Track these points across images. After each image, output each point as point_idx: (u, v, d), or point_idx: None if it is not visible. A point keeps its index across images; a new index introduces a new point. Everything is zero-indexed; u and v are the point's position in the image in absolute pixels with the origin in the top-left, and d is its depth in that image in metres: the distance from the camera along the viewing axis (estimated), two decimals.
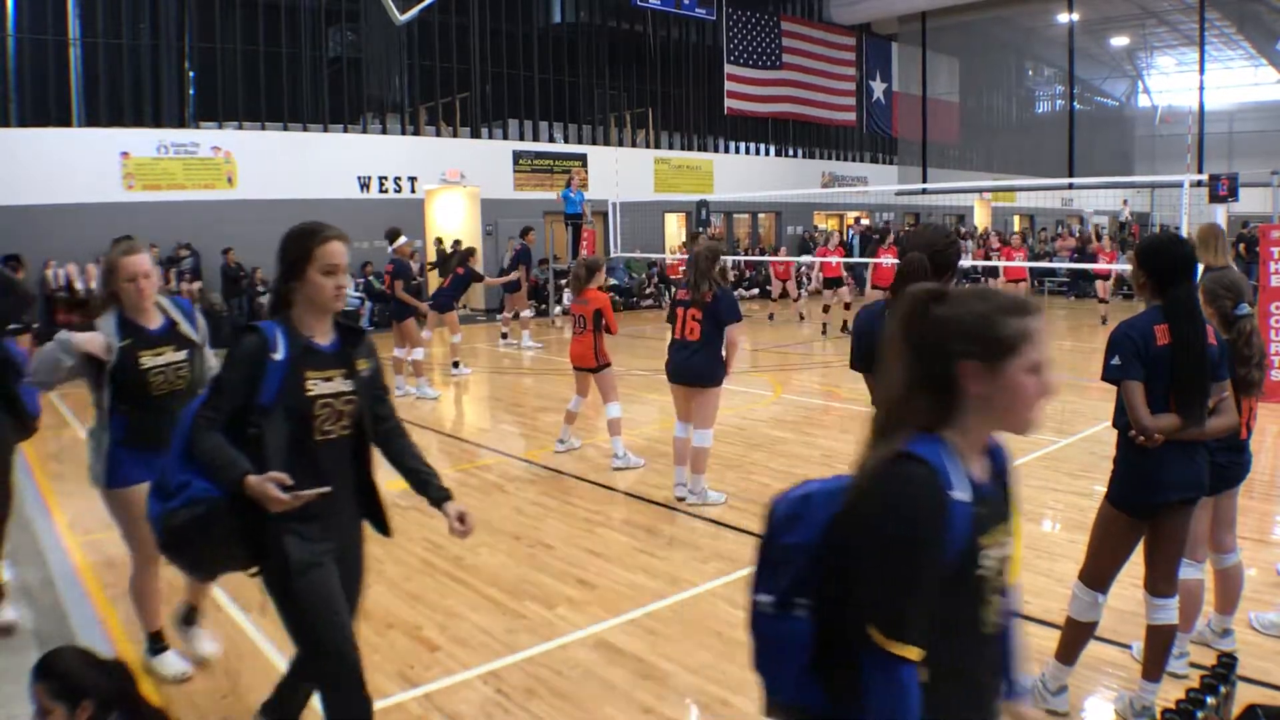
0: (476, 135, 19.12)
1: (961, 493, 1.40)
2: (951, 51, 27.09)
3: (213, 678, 3.50)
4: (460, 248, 12.00)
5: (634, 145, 21.91)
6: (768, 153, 24.72)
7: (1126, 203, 28.44)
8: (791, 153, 25.24)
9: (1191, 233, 12.32)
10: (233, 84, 16.11)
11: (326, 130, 17.07)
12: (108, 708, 2.12)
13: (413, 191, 17.75)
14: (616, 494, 6.02)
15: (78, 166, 14.16)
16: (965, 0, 23.12)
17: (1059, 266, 19.42)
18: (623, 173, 19.06)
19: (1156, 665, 3.03)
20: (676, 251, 19.54)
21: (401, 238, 10.05)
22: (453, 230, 18.34)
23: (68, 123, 14.61)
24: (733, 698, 3.31)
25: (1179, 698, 2.73)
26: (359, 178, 17.08)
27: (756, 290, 21.16)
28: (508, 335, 13.93)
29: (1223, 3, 25.83)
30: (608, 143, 21.24)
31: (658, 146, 22.31)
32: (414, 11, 15.06)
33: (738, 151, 24.09)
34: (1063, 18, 24.86)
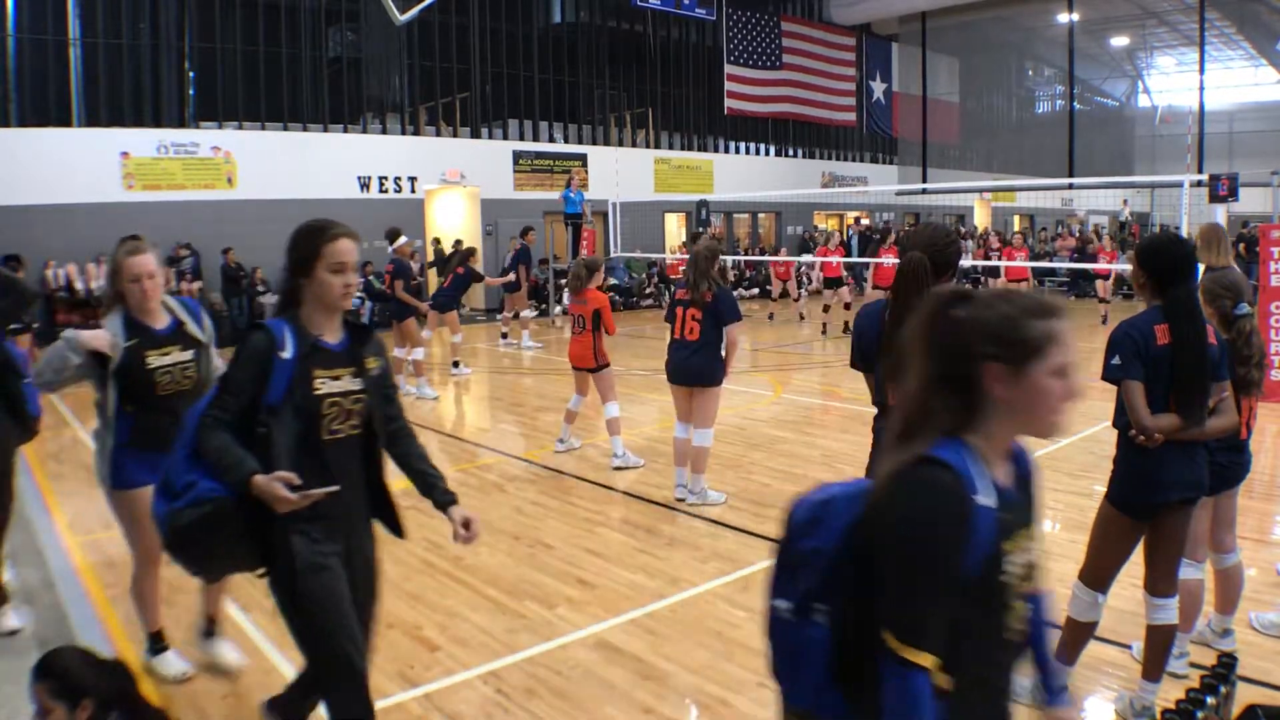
0: (476, 135, 19.12)
1: (986, 498, 1.37)
2: (951, 51, 27.09)
3: (213, 678, 3.49)
4: (461, 247, 11.99)
5: (634, 145, 21.90)
6: (768, 153, 24.72)
7: (1126, 203, 28.43)
8: (791, 153, 25.24)
9: (1192, 233, 12.33)
10: (233, 84, 16.11)
11: (326, 130, 17.06)
12: (108, 707, 2.12)
13: (413, 191, 17.75)
14: (616, 494, 6.02)
15: (78, 166, 14.15)
16: (965, 0, 23.12)
17: (1059, 266, 19.42)
18: (623, 173, 19.05)
19: (1156, 665, 3.03)
20: (676, 251, 19.54)
21: (402, 238, 10.06)
22: (453, 230, 18.33)
23: (68, 123, 14.60)
24: (733, 698, 3.31)
25: (1179, 698, 2.73)
26: (359, 178, 17.08)
27: (756, 290, 21.16)
28: (508, 335, 13.93)
29: (1223, 3, 25.82)
30: (608, 143, 21.23)
31: (658, 146, 22.30)
32: (414, 11, 15.05)
33: (738, 151, 24.08)
34: (1063, 18, 24.86)
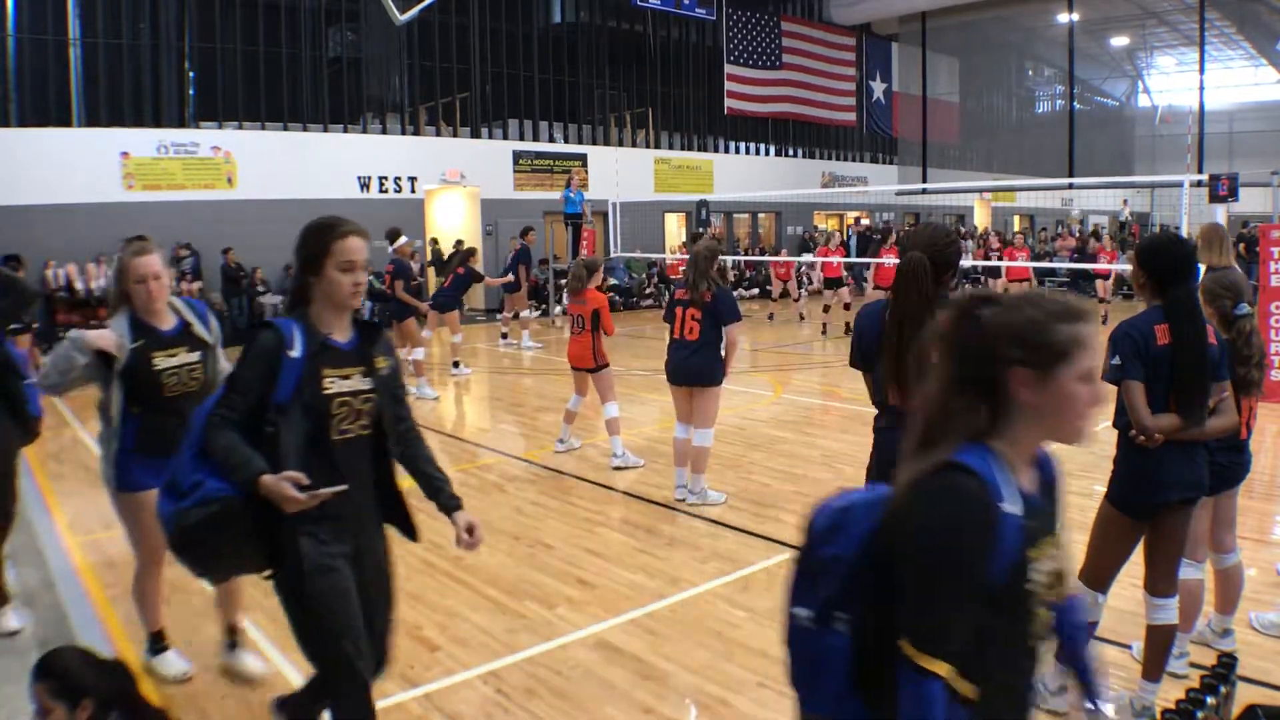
0: (476, 135, 19.12)
1: (1012, 505, 1.35)
2: (951, 51, 27.09)
3: (213, 678, 3.50)
4: (462, 247, 11.99)
5: (634, 145, 21.90)
6: (768, 153, 24.72)
7: (1126, 203, 28.43)
8: (791, 153, 25.24)
9: (1193, 233, 12.34)
10: (233, 84, 16.11)
11: (326, 130, 17.06)
12: (108, 707, 2.12)
13: (413, 191, 17.75)
14: (616, 494, 6.02)
15: (78, 166, 14.15)
16: (965, 0, 23.12)
17: (1059, 266, 19.43)
18: (623, 173, 19.05)
19: (1156, 665, 3.03)
20: (677, 251, 19.54)
21: (402, 238, 10.06)
22: (453, 230, 18.33)
23: (68, 123, 14.60)
24: (733, 698, 3.31)
25: (1179, 698, 2.73)
26: (359, 178, 17.08)
27: (756, 290, 21.16)
28: (508, 335, 13.94)
29: (1223, 3, 25.82)
30: (608, 143, 21.23)
31: (658, 146, 22.30)
32: (414, 11, 15.05)
33: (738, 151, 24.08)
34: (1063, 18, 24.86)
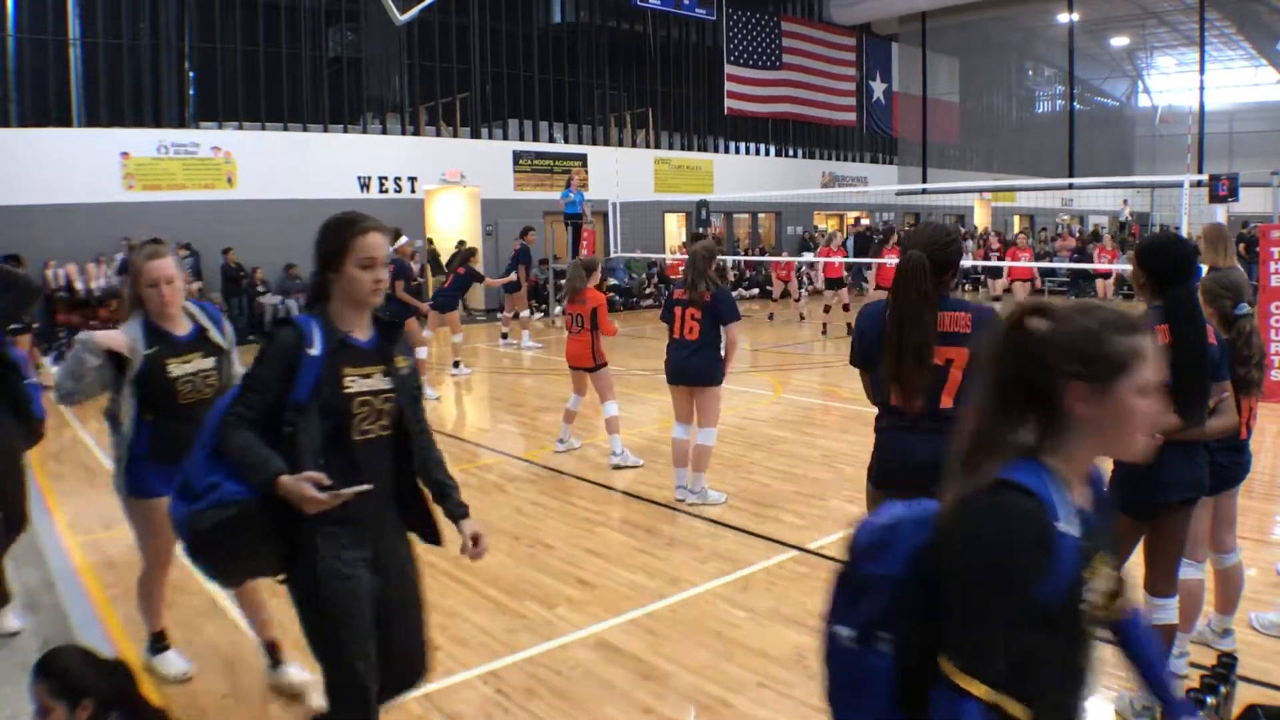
0: (476, 135, 19.12)
1: (1068, 525, 1.31)
2: (951, 51, 27.09)
3: (213, 678, 3.50)
4: (463, 247, 11.99)
5: (634, 145, 21.90)
6: (768, 153, 24.72)
7: (1127, 203, 28.43)
8: (791, 153, 25.24)
9: (1193, 233, 12.33)
10: (233, 84, 16.11)
11: (326, 130, 17.06)
12: (108, 707, 2.12)
13: (413, 191, 17.75)
14: (616, 494, 6.02)
15: (78, 166, 14.14)
16: (965, 0, 23.12)
17: (1059, 266, 19.44)
18: (623, 173, 19.05)
19: None
20: (676, 251, 19.54)
21: (402, 238, 10.06)
22: (453, 230, 18.34)
23: (68, 123, 14.59)
24: (733, 698, 3.31)
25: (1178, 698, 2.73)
26: (359, 178, 17.07)
27: (756, 290, 21.16)
28: (508, 335, 13.94)
29: (1223, 3, 25.82)
30: (608, 143, 21.23)
31: (658, 146, 22.30)
32: (414, 11, 15.06)
33: (738, 151, 24.08)
34: (1063, 18, 24.86)
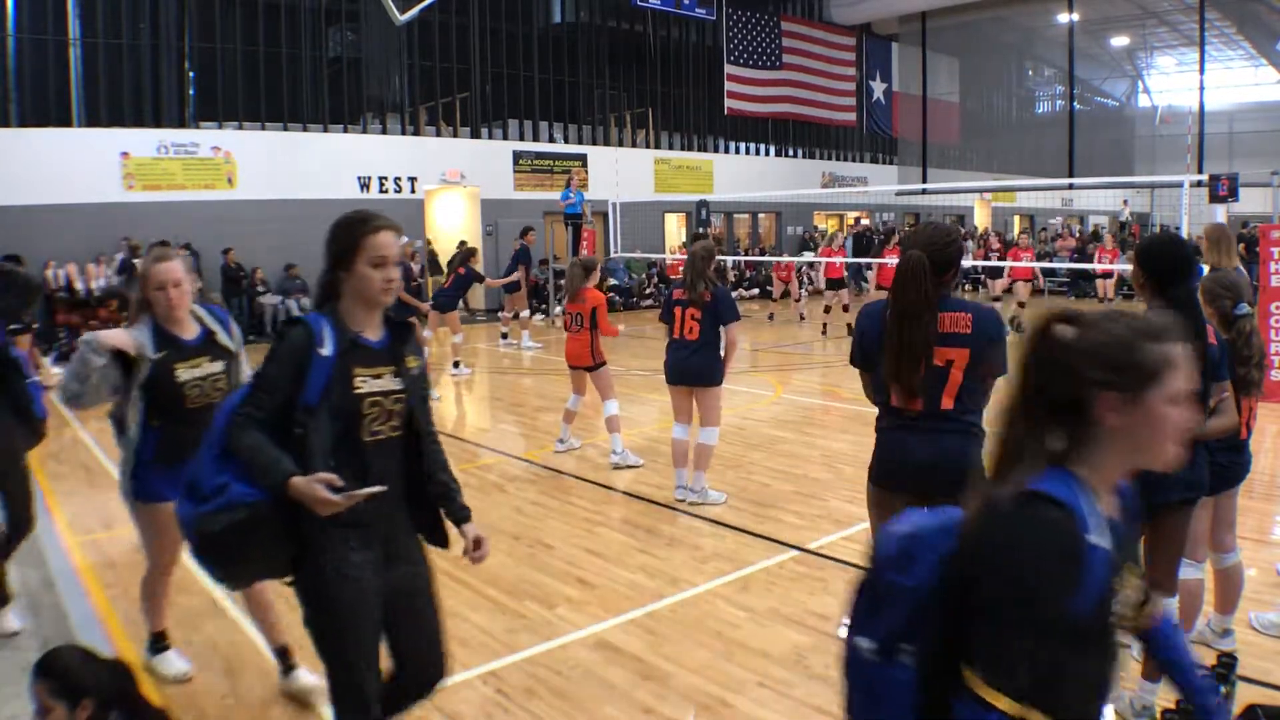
0: (476, 135, 19.12)
1: (1099, 537, 1.28)
2: (951, 51, 27.09)
3: (213, 678, 3.50)
4: (464, 247, 11.99)
5: (634, 145, 21.90)
6: (768, 153, 24.72)
7: (1127, 203, 28.43)
8: (791, 153, 25.24)
9: (1193, 233, 12.33)
10: (233, 84, 16.11)
11: (326, 130, 17.06)
12: (108, 707, 2.12)
13: (413, 192, 17.75)
14: (616, 494, 6.02)
15: (78, 166, 14.15)
16: (965, 0, 23.12)
17: (1059, 266, 19.45)
18: (623, 173, 19.06)
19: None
20: (676, 252, 19.54)
21: (402, 238, 10.05)
22: (453, 230, 18.34)
23: (68, 123, 14.60)
24: (733, 698, 3.31)
25: (1179, 698, 2.73)
26: (359, 178, 17.08)
27: (756, 290, 21.16)
28: (508, 335, 13.94)
29: (1223, 3, 25.82)
30: (608, 143, 21.23)
31: (658, 146, 22.30)
32: (414, 12, 15.06)
33: (738, 151, 24.08)
34: (1063, 18, 24.86)
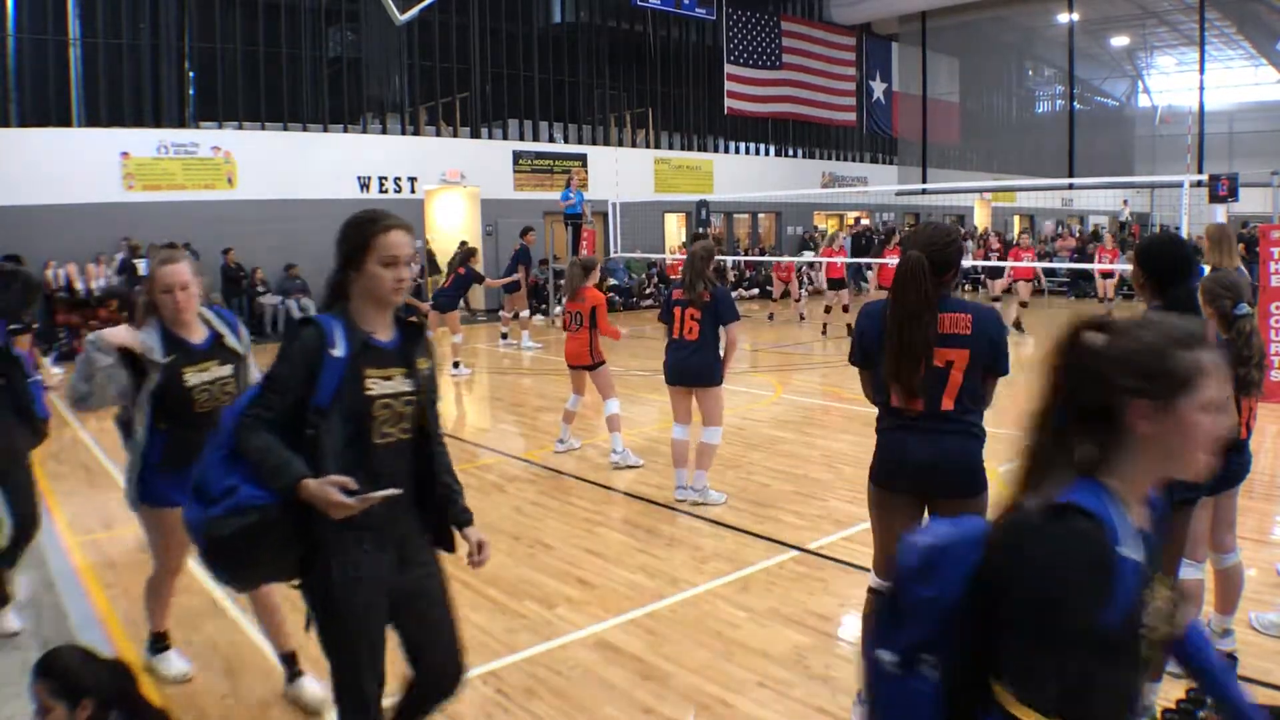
0: (476, 135, 19.11)
1: (1130, 549, 1.26)
2: (951, 51, 27.08)
3: (213, 678, 3.50)
4: (464, 247, 12.00)
5: (634, 145, 21.89)
6: (768, 153, 24.72)
7: (1127, 203, 28.44)
8: (791, 153, 25.23)
9: (1193, 233, 12.31)
10: (233, 84, 16.11)
11: (326, 130, 17.06)
12: (108, 707, 2.11)
13: (413, 192, 17.75)
14: (616, 494, 6.02)
15: (78, 166, 14.14)
16: (965, 0, 23.12)
17: (1059, 266, 19.46)
18: (623, 173, 19.06)
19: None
20: (676, 252, 19.54)
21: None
22: (453, 230, 18.34)
23: (68, 123, 14.59)
24: (733, 698, 3.31)
25: (1179, 698, 2.73)
26: (359, 178, 17.08)
27: (756, 290, 21.17)
28: (508, 335, 13.94)
29: (1223, 3, 25.81)
30: (608, 143, 21.23)
31: (658, 146, 22.30)
32: (414, 12, 15.06)
33: (738, 151, 24.08)
34: (1063, 18, 24.86)
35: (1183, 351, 1.28)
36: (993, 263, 16.48)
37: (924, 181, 24.76)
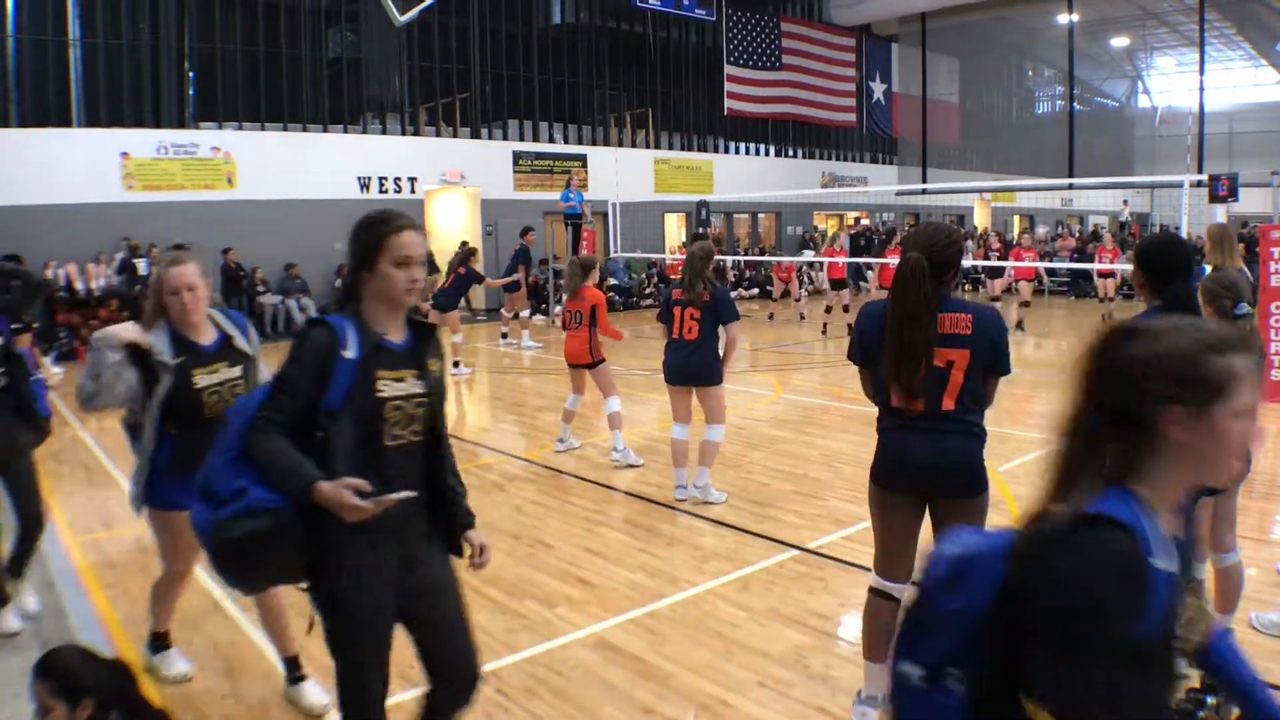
0: (476, 135, 19.12)
1: (1163, 560, 1.23)
2: (951, 52, 27.10)
3: (213, 678, 3.50)
4: (465, 247, 12.00)
5: (634, 145, 21.90)
6: (768, 153, 24.73)
7: (1127, 203, 28.46)
8: (791, 153, 25.24)
9: (1193, 233, 12.28)
10: (233, 84, 16.12)
11: (326, 130, 17.07)
12: (108, 706, 2.11)
13: (413, 192, 17.75)
14: (616, 493, 6.02)
15: (78, 166, 14.15)
16: (965, 0, 23.13)
17: (1059, 266, 19.46)
18: (623, 173, 19.06)
19: None
20: (676, 251, 19.55)
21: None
22: (453, 230, 18.33)
23: (68, 123, 14.60)
24: (733, 698, 3.31)
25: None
26: (359, 178, 17.08)
27: (756, 290, 21.17)
28: (508, 335, 13.95)
29: (1223, 3, 25.83)
30: (608, 143, 21.23)
31: (658, 147, 22.30)
32: (414, 12, 15.07)
33: (738, 152, 24.09)
34: (1063, 18, 24.87)
35: (1217, 357, 1.25)
36: (993, 263, 16.48)
37: (924, 181, 24.76)
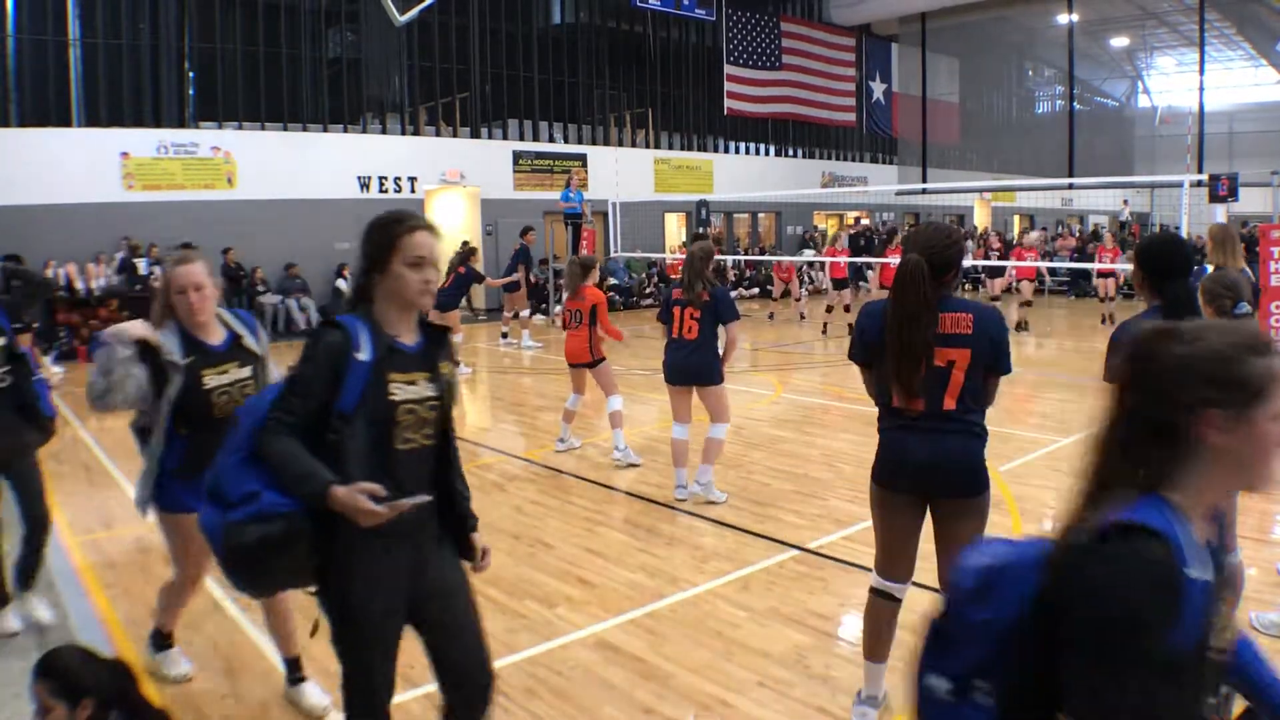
0: (476, 135, 19.12)
1: (1199, 570, 1.20)
2: (951, 52, 27.09)
3: (213, 678, 3.50)
4: (465, 247, 12.00)
5: (634, 145, 21.90)
6: (768, 153, 24.72)
7: (1127, 203, 28.46)
8: (791, 153, 25.24)
9: (1193, 233, 12.26)
10: (233, 84, 16.11)
11: (326, 130, 17.06)
12: (108, 707, 2.11)
13: (413, 191, 17.75)
14: (616, 493, 6.02)
15: (78, 166, 14.15)
16: (965, 0, 23.13)
17: (1059, 266, 19.47)
18: (623, 173, 19.06)
19: None
20: (677, 251, 19.56)
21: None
22: (453, 230, 18.32)
23: (68, 123, 14.60)
24: (733, 698, 3.31)
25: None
26: (359, 178, 17.08)
27: (756, 290, 21.18)
28: (508, 335, 13.95)
29: (1223, 3, 25.83)
30: (608, 143, 21.23)
31: (658, 146, 22.30)
32: (414, 12, 15.07)
33: (738, 151, 24.08)
34: (1063, 18, 24.86)
35: (1257, 358, 1.22)
36: (993, 262, 16.49)
37: (924, 181, 24.76)
